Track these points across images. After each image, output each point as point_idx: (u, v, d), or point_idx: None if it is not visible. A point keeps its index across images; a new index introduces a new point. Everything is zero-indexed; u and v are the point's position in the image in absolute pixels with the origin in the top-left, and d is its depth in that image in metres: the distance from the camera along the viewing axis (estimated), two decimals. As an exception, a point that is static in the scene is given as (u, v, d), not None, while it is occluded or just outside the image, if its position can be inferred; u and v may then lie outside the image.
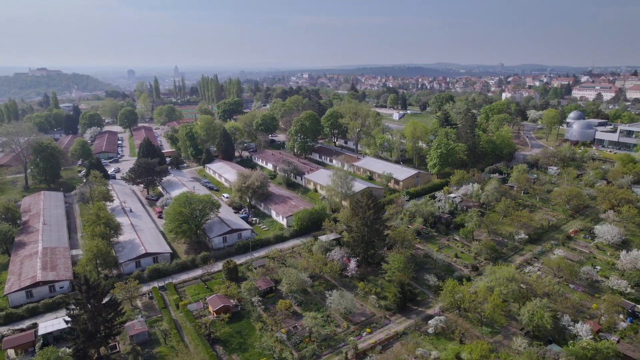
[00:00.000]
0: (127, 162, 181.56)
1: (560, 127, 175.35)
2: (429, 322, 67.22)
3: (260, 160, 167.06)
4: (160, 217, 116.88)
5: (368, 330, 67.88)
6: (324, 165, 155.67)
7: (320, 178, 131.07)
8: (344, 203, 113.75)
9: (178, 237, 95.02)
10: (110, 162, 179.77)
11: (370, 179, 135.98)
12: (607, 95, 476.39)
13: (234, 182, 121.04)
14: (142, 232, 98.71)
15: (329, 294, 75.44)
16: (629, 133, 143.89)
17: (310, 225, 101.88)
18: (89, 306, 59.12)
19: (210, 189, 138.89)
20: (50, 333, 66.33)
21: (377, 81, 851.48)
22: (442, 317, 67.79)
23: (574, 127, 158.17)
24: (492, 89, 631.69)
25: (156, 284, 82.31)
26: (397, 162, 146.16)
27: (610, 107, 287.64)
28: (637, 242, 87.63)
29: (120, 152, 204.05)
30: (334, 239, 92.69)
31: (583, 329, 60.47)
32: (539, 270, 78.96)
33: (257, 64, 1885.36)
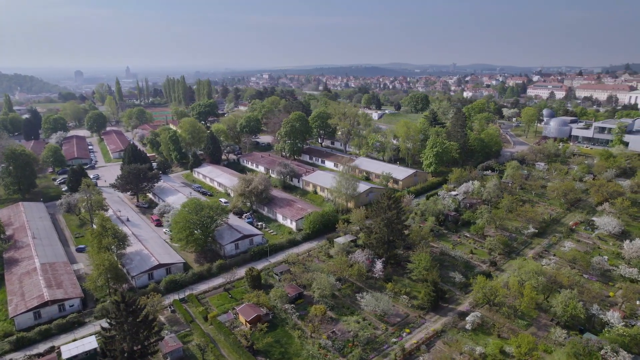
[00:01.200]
0: (105, 169, 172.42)
1: (538, 124, 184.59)
2: (466, 318, 68.49)
3: (249, 163, 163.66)
4: (158, 225, 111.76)
5: (407, 330, 68.15)
6: (316, 166, 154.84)
7: (319, 179, 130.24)
8: (349, 204, 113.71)
9: (189, 246, 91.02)
10: (86, 169, 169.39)
11: (367, 179, 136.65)
12: (559, 94, 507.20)
13: (234, 187, 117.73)
14: (147, 242, 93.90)
15: (359, 296, 75.28)
16: (602, 130, 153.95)
17: (321, 227, 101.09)
18: (126, 326, 55.42)
19: (204, 194, 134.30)
20: (76, 356, 61.65)
21: (339, 81, 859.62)
22: (478, 312, 69.26)
23: (551, 124, 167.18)
24: (452, 88, 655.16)
25: (174, 297, 78.64)
26: (390, 161, 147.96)
27: (568, 104, 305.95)
28: (635, 232, 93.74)
29: (93, 158, 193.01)
30: (350, 241, 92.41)
31: (614, 317, 63.81)
32: (554, 262, 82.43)
33: (212, 65, 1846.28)
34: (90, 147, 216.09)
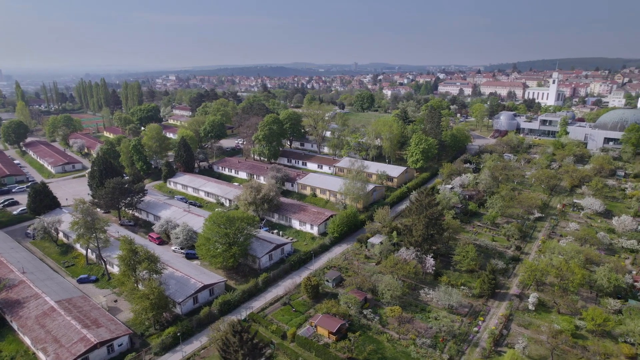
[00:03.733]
0: (54, 185, 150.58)
1: (489, 119, 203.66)
2: (529, 299, 74.49)
3: (225, 169, 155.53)
4: (160, 243, 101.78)
5: (481, 319, 71.93)
6: (297, 169, 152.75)
7: (317, 182, 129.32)
8: (358, 205, 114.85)
9: (228, 262, 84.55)
10: (26, 187, 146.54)
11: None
12: (467, 90, 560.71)
13: (240, 195, 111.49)
14: (173, 264, 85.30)
15: (423, 292, 77.48)
16: (544, 122, 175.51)
17: (347, 230, 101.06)
18: (241, 356, 50.77)
19: (192, 205, 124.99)
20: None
21: (252, 81, 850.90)
22: (536, 294, 75.65)
23: (501, 118, 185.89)
24: (369, 86, 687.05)
25: (229, 318, 72.95)
26: (373, 160, 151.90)
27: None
28: (615, 210, 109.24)
29: (28, 175, 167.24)
30: (383, 240, 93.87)
31: (648, 283, 74.52)
32: (570, 241, 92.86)
33: (104, 66, 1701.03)
34: (16, 162, 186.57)
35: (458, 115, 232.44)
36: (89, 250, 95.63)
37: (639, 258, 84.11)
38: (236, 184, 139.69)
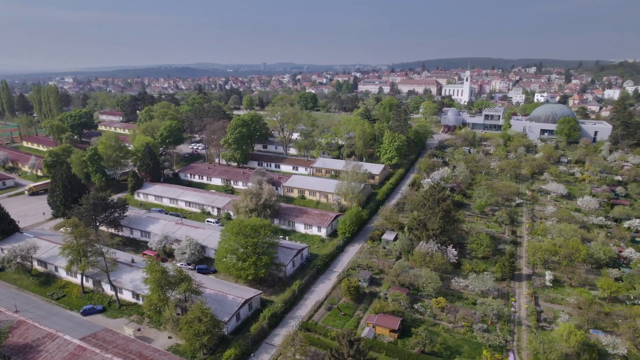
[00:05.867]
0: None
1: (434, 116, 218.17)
2: (545, 277, 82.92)
3: (195, 176, 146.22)
4: (164, 261, 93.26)
5: (513, 299, 78.41)
6: (272, 172, 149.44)
7: (305, 184, 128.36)
8: (353, 203, 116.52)
9: (259, 273, 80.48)
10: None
11: (337, 177, 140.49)
12: (386, 89, 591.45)
13: (237, 203, 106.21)
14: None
15: (455, 280, 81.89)
16: (487, 116, 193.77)
17: (357, 229, 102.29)
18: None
19: (175, 217, 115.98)
20: None
21: (164, 83, 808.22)
22: (550, 272, 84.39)
23: (449, 114, 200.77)
24: (289, 86, 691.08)
25: (278, 331, 70.30)
26: (348, 158, 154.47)
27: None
28: (573, 191, 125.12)
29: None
30: (398, 236, 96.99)
31: (632, 253, 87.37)
32: (554, 222, 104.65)
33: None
34: None
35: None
36: (83, 277, 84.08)
37: (614, 232, 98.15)
38: (212, 191, 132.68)
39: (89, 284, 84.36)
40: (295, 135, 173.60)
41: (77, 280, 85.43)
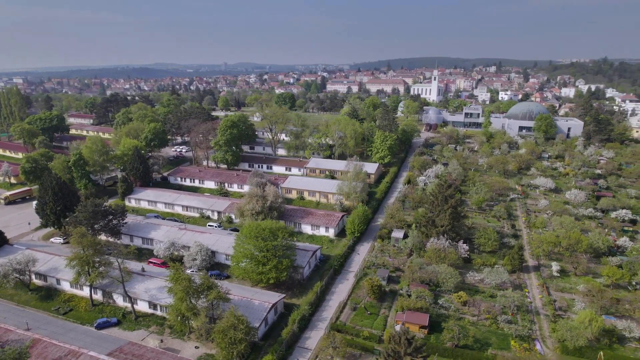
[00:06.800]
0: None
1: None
2: (552, 268, 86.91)
3: (185, 180, 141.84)
4: (167, 267, 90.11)
5: (526, 290, 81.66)
6: (266, 173, 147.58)
7: (303, 185, 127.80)
8: (355, 202, 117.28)
9: (281, 276, 79.31)
10: None
11: (333, 177, 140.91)
12: (354, 88, 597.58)
13: (241, 206, 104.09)
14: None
15: (469, 275, 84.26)
16: (467, 114, 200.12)
17: (365, 228, 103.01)
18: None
19: (174, 222, 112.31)
20: None
21: (125, 84, 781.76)
22: (556, 262, 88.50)
23: (430, 113, 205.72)
24: (256, 86, 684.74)
25: (309, 334, 69.85)
26: (338, 158, 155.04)
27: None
28: (558, 185, 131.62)
29: None
30: (408, 233, 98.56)
31: (626, 241, 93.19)
32: (549, 215, 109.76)
33: None
34: None
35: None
36: (91, 289, 79.77)
37: (606, 223, 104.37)
38: (207, 194, 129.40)
39: (97, 296, 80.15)
40: (282, 136, 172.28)
41: (83, 292, 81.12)
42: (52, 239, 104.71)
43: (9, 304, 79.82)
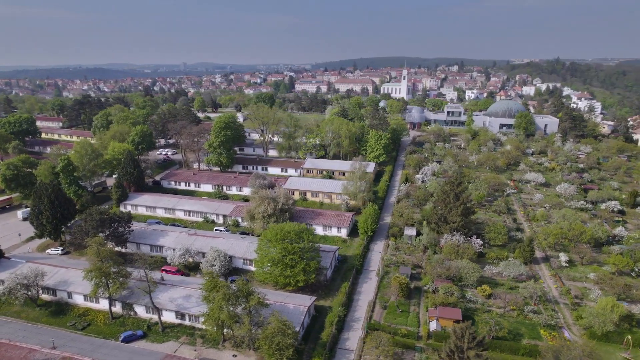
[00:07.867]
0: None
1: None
2: (560, 258, 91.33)
3: (180, 184, 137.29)
4: (186, 276, 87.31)
5: (541, 281, 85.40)
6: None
7: (306, 185, 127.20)
8: (360, 202, 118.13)
9: (310, 279, 78.62)
10: None
11: (331, 177, 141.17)
12: (323, 88, 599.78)
13: (251, 209, 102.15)
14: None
15: (487, 268, 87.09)
16: (449, 113, 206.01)
17: (376, 227, 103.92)
18: None
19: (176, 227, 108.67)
20: None
21: (84, 85, 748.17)
22: (564, 253, 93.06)
23: (413, 112, 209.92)
24: (222, 86, 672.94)
25: (346, 335, 69.95)
26: (333, 158, 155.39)
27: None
28: (548, 179, 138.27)
29: None
30: (423, 231, 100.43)
31: (622, 230, 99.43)
32: (547, 208, 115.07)
33: None
34: None
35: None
36: (110, 301, 75.79)
37: (599, 214, 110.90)
38: (206, 198, 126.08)
39: (116, 309, 76.28)
40: (272, 137, 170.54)
41: (99, 305, 77.10)
42: (48, 250, 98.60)
43: (18, 321, 74.41)
